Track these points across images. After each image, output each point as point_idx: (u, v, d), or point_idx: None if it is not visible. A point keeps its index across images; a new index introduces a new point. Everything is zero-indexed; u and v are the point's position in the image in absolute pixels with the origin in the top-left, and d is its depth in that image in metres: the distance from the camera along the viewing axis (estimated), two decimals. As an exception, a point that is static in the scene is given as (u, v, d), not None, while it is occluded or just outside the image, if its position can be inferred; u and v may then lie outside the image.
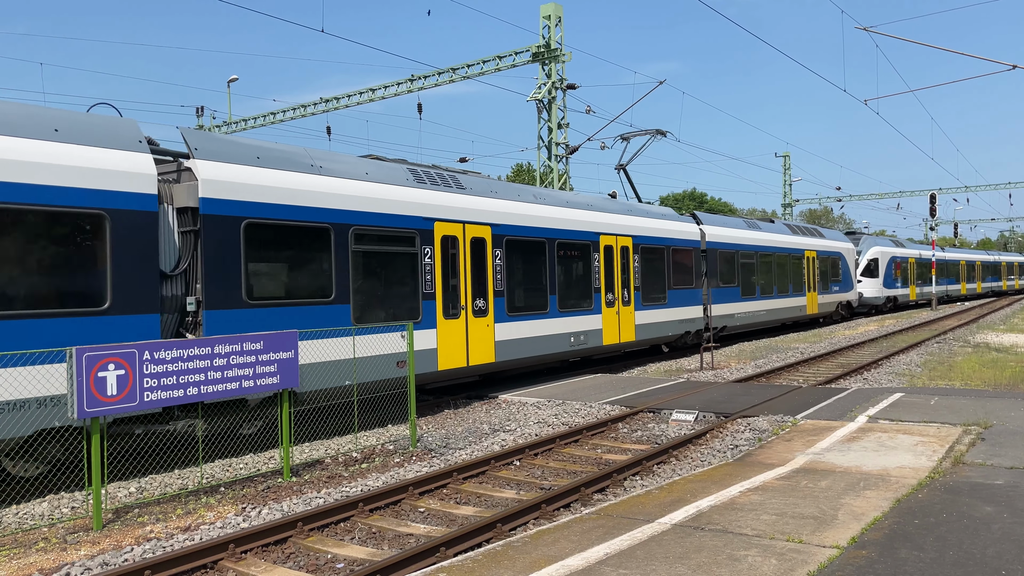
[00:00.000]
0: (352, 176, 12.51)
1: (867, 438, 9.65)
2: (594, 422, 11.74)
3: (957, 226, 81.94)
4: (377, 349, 12.20)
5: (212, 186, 10.22)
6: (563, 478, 9.16)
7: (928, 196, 44.34)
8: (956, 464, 8.16)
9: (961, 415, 10.89)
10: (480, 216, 14.66)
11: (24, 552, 6.95)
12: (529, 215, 16.07)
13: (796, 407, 12.29)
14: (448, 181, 14.58)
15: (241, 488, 8.97)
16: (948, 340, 24.98)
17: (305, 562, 6.62)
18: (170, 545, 6.89)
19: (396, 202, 12.97)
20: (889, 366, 18.69)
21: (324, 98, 34.75)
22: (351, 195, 12.21)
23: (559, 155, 27.88)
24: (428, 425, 12.61)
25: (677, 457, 9.95)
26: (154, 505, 8.35)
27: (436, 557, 6.34)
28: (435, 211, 13.66)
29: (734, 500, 7.07)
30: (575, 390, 15.12)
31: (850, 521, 6.32)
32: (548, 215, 16.70)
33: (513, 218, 15.57)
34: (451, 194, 14.25)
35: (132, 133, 9.62)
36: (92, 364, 7.50)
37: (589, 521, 6.63)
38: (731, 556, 5.59)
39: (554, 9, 27.20)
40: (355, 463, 10.21)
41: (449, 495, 8.55)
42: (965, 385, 14.94)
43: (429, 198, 13.66)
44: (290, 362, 9.36)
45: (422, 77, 30.53)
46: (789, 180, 61.52)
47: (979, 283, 63.78)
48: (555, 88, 27.44)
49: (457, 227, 14.10)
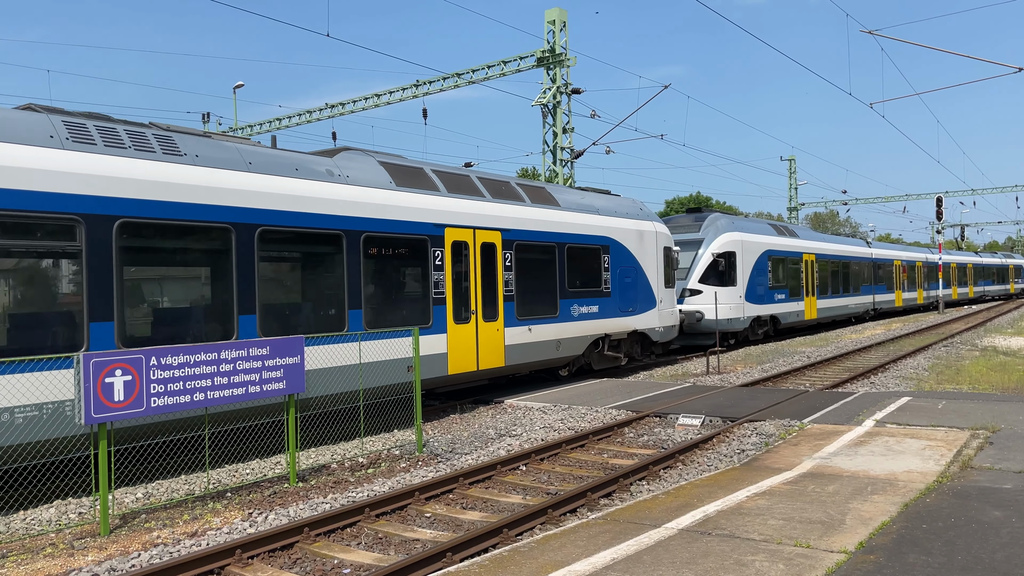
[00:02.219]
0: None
1: (874, 442, 9.61)
2: (600, 427, 11.72)
3: (964, 229, 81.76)
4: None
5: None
6: (569, 483, 9.14)
7: (935, 199, 44.13)
8: (964, 468, 8.12)
9: (969, 419, 10.84)
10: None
11: (32, 558, 6.96)
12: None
13: (803, 411, 12.25)
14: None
15: (247, 493, 8.98)
16: (955, 344, 24.89)
17: (312, 567, 6.62)
18: (177, 551, 6.90)
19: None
20: (896, 370, 18.62)
21: (330, 104, 34.84)
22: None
23: (564, 159, 27.90)
24: (434, 430, 12.61)
25: (684, 462, 9.92)
26: (161, 511, 8.36)
27: (443, 562, 6.33)
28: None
29: (741, 505, 7.04)
30: (581, 395, 15.10)
31: (858, 526, 6.30)
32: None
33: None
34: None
35: None
36: (99, 370, 7.53)
37: (596, 526, 6.61)
38: (738, 561, 5.57)
39: (559, 14, 27.23)
40: (361, 468, 10.21)
41: (455, 500, 8.54)
42: (973, 389, 14.87)
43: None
44: (296, 367, 9.37)
45: (427, 82, 30.58)
46: (795, 184, 61.45)
47: (921, 291, 48.30)
48: (560, 93, 27.47)
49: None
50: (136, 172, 9.40)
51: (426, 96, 30.91)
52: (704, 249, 24.90)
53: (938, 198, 43.88)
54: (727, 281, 24.91)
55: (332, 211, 11.65)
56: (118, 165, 9.27)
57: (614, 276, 18.06)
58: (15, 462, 8.21)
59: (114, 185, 9.13)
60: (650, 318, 19.46)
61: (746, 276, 25.75)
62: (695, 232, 25.49)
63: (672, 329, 20.51)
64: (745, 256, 25.86)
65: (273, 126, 37.83)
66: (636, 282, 18.79)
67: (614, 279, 18.05)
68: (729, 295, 24.82)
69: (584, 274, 17.11)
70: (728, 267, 25.09)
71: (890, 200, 65.22)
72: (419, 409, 11.08)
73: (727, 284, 24.90)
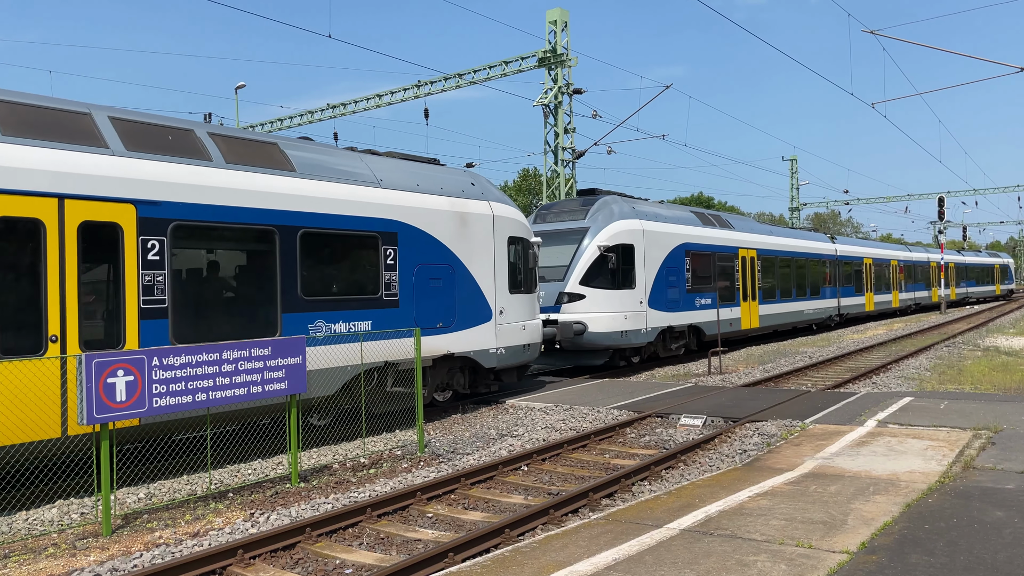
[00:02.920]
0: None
1: (877, 442, 9.61)
2: (602, 427, 11.72)
3: (966, 229, 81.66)
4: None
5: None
6: (571, 483, 9.14)
7: (936, 199, 44.08)
8: (966, 468, 8.11)
9: (971, 419, 10.83)
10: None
11: (34, 558, 6.97)
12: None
13: (805, 411, 12.25)
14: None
15: (249, 494, 8.98)
16: (958, 344, 24.86)
17: (314, 567, 6.62)
18: (179, 551, 6.90)
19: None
20: (898, 370, 18.61)
21: (331, 104, 34.89)
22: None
23: (566, 160, 27.90)
24: (435, 431, 12.61)
25: (686, 462, 9.92)
26: (163, 511, 8.37)
27: (444, 563, 6.33)
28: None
29: (743, 505, 7.04)
30: (582, 395, 15.10)
31: (860, 526, 6.29)
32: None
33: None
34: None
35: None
36: (101, 370, 7.54)
37: (597, 526, 6.61)
38: (740, 562, 5.57)
39: (560, 14, 27.25)
40: (363, 468, 10.22)
41: (457, 500, 8.54)
42: (975, 389, 14.86)
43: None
44: (298, 367, 9.38)
45: (429, 83, 30.60)
46: (796, 184, 61.44)
47: (896, 293, 43.15)
48: (561, 93, 27.48)
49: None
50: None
51: (428, 96, 30.95)
52: (589, 241, 18.93)
53: (940, 198, 43.81)
54: (621, 282, 19.14)
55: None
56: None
57: (406, 277, 12.73)
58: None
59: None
60: (480, 336, 14.20)
61: (651, 276, 20.09)
62: (579, 219, 19.64)
63: (524, 350, 15.40)
64: (649, 250, 20.13)
65: (275, 126, 37.88)
66: (453, 286, 13.64)
67: (406, 282, 12.73)
68: (624, 300, 19.11)
69: (339, 275, 11.89)
70: (623, 264, 19.22)
71: (892, 200, 65.26)
72: (420, 409, 11.08)
73: (621, 286, 19.12)
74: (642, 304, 19.71)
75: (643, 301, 19.75)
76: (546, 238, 18.90)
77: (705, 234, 23.25)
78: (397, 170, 13.37)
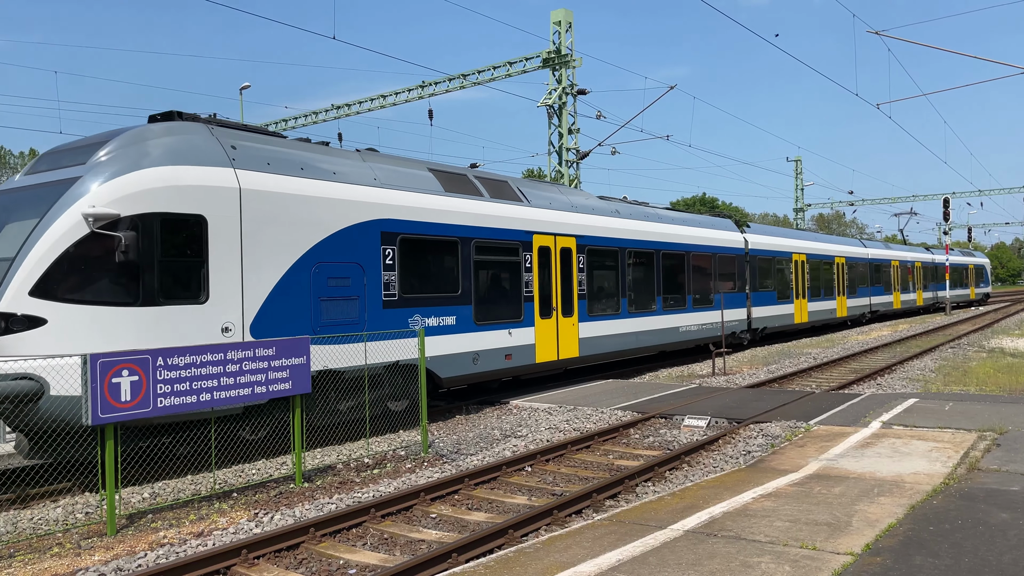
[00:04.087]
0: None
1: (881, 444, 9.59)
2: (606, 428, 11.71)
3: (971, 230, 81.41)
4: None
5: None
6: (575, 484, 9.14)
7: (942, 200, 44.00)
8: (971, 470, 8.08)
9: (976, 421, 10.80)
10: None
11: (39, 557, 6.99)
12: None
13: (809, 413, 12.22)
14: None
15: (253, 494, 9.00)
16: (962, 345, 24.79)
17: (317, 568, 6.63)
18: (183, 551, 6.92)
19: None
20: (903, 371, 18.57)
21: (336, 105, 34.89)
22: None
23: (570, 160, 27.89)
24: (439, 431, 12.62)
25: (690, 463, 9.91)
26: (167, 511, 8.38)
27: (448, 563, 6.33)
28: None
29: (747, 506, 7.03)
30: (586, 396, 15.09)
31: (864, 528, 6.28)
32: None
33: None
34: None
35: None
36: (106, 370, 7.55)
37: (601, 527, 6.61)
38: (744, 563, 5.56)
39: (564, 15, 27.23)
40: (367, 469, 10.23)
41: (461, 501, 8.55)
42: (980, 390, 14.81)
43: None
44: (302, 368, 9.39)
45: (433, 83, 30.60)
46: (801, 184, 61.31)
47: (842, 299, 33.10)
48: (565, 93, 27.46)
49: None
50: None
51: (432, 97, 30.92)
52: (72, 206, 9.28)
53: (945, 199, 43.76)
54: (165, 291, 9.64)
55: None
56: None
57: None
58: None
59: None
60: None
61: (266, 278, 10.63)
62: (74, 165, 9.89)
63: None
64: (262, 230, 10.65)
65: (279, 127, 37.90)
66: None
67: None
68: (181, 325, 9.71)
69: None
70: (169, 255, 9.72)
71: (897, 201, 65.03)
72: (424, 410, 11.09)
73: (180, 298, 9.76)
74: (227, 332, 10.14)
75: (234, 325, 10.24)
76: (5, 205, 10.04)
77: (429, 204, 13.47)
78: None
